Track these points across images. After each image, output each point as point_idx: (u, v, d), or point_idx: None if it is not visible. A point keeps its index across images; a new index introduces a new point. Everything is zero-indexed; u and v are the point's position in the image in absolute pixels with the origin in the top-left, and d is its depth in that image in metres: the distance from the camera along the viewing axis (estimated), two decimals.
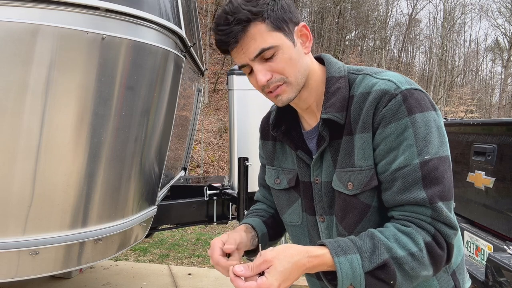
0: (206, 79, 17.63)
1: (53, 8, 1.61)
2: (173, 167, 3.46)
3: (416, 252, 0.81)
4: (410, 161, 0.84)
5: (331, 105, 0.94)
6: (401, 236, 0.83)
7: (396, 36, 32.25)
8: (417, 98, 0.87)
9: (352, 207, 0.92)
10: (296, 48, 0.92)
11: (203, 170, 14.46)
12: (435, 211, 0.83)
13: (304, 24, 0.94)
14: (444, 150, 0.87)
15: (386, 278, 0.81)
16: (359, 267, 0.79)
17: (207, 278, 3.95)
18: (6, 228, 1.73)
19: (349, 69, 0.99)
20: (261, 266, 0.79)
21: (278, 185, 1.10)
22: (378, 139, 0.88)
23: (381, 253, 0.80)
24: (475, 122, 3.07)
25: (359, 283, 0.80)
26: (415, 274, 0.82)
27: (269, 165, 1.14)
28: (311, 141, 1.02)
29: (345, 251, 0.81)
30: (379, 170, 0.89)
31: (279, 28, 0.89)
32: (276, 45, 0.88)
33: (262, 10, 0.87)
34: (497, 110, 28.24)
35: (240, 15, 0.86)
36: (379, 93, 0.88)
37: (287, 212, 1.09)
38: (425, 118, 0.86)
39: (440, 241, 0.84)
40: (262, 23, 0.87)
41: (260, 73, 0.91)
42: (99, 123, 1.80)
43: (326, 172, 0.97)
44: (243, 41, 0.88)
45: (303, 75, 0.94)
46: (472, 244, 2.71)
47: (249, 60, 0.90)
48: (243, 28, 0.87)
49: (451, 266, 0.99)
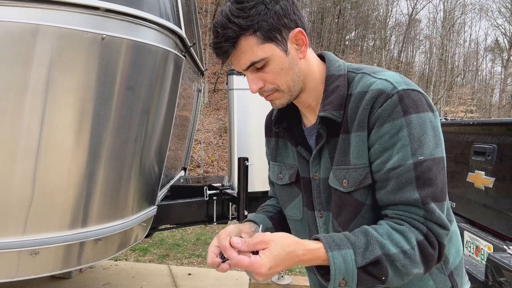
0: (206, 79, 17.63)
1: (53, 8, 1.62)
2: (173, 167, 3.46)
3: (408, 250, 0.83)
4: (404, 161, 0.85)
5: (329, 103, 0.95)
6: (394, 233, 0.84)
7: (396, 36, 32.26)
8: (414, 99, 0.87)
9: (346, 204, 0.93)
10: (289, 56, 0.92)
11: (203, 170, 14.46)
12: (427, 212, 0.84)
13: (300, 29, 0.92)
14: (438, 152, 0.88)
15: (378, 274, 0.82)
16: (352, 262, 0.81)
17: (207, 278, 3.95)
18: (6, 228, 1.73)
19: (349, 68, 0.99)
20: (258, 245, 0.81)
21: (281, 180, 1.11)
22: (373, 138, 0.89)
23: (374, 249, 0.82)
24: (475, 122, 3.07)
25: (351, 278, 0.81)
26: (406, 271, 0.84)
27: (272, 161, 1.16)
28: (311, 138, 1.03)
29: (339, 246, 0.82)
30: (373, 169, 0.90)
31: (270, 38, 0.89)
32: (266, 57, 0.89)
33: (252, 23, 0.87)
34: (497, 110, 28.23)
35: (229, 32, 0.87)
36: (376, 92, 0.89)
37: (289, 207, 1.11)
38: (420, 119, 0.86)
39: (432, 241, 0.85)
40: (252, 36, 0.88)
41: (251, 82, 0.93)
42: (99, 123, 1.80)
43: (324, 169, 0.99)
44: (233, 55, 0.90)
45: (296, 81, 0.95)
46: (472, 244, 2.71)
47: (242, 70, 0.93)
48: (232, 44, 0.88)
49: (449, 267, 0.99)
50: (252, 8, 0.87)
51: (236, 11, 0.87)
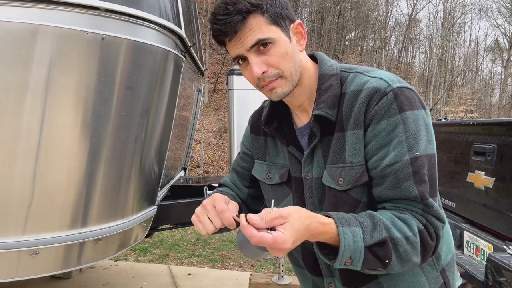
0: (206, 79, 17.63)
1: (53, 8, 1.62)
2: (173, 167, 3.46)
3: (411, 237, 0.84)
4: (400, 157, 0.87)
5: (323, 101, 0.95)
6: (397, 220, 0.85)
7: (396, 36, 32.27)
8: (408, 96, 0.89)
9: (342, 202, 0.93)
10: (292, 44, 0.94)
11: (203, 170, 14.46)
12: (426, 206, 0.86)
13: (299, 22, 0.96)
14: (430, 148, 0.90)
15: (383, 256, 0.82)
16: (360, 240, 0.81)
17: (207, 278, 3.95)
18: (6, 228, 1.73)
19: (341, 68, 1.00)
20: (276, 220, 0.77)
21: (270, 180, 1.10)
22: (370, 136, 0.90)
23: (381, 231, 0.83)
24: (475, 122, 3.07)
25: (358, 256, 0.81)
26: (407, 257, 0.84)
27: (260, 160, 1.14)
28: (303, 138, 1.03)
29: (348, 223, 0.82)
30: (370, 166, 0.91)
31: (276, 22, 0.91)
32: (273, 37, 0.90)
33: (261, 3, 0.89)
34: (497, 110, 28.24)
35: (240, 5, 0.88)
36: (371, 90, 0.90)
37: (279, 207, 1.10)
38: (415, 116, 0.88)
39: (431, 232, 0.86)
40: (261, 15, 0.89)
41: (255, 65, 0.91)
42: (99, 123, 1.80)
43: (316, 168, 0.99)
44: (242, 32, 0.89)
45: (297, 71, 0.95)
46: (472, 244, 2.71)
47: (245, 51, 0.91)
48: (242, 18, 0.88)
49: (441, 263, 1.00)
50: None
51: None
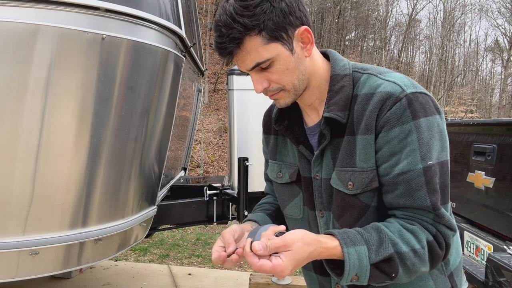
0: (206, 79, 17.63)
1: (53, 8, 1.62)
2: (173, 167, 3.46)
3: (418, 250, 0.84)
4: (413, 166, 0.85)
5: (334, 103, 0.93)
6: (405, 232, 0.85)
7: (396, 36, 32.25)
8: (422, 102, 0.87)
9: (351, 206, 0.93)
10: (294, 55, 0.90)
11: (203, 170, 14.46)
12: (437, 216, 0.86)
13: (305, 27, 0.90)
14: (444, 155, 0.89)
15: (389, 271, 0.83)
16: (366, 258, 0.82)
17: (207, 278, 3.95)
18: (6, 228, 1.73)
19: (354, 67, 0.98)
20: (280, 249, 0.80)
21: (280, 179, 1.10)
22: (381, 142, 0.88)
23: (387, 247, 0.83)
24: (475, 122, 3.07)
25: (364, 274, 0.82)
26: (415, 269, 0.85)
27: (271, 159, 1.14)
28: (313, 137, 1.02)
29: (353, 242, 0.83)
30: (380, 172, 0.89)
31: (275, 38, 0.86)
32: (271, 57, 0.87)
33: (257, 23, 0.84)
34: (497, 110, 28.22)
35: (233, 32, 0.84)
36: (384, 95, 0.87)
37: (289, 206, 1.10)
38: (429, 123, 0.86)
39: (441, 242, 0.86)
40: (257, 36, 0.85)
41: (256, 82, 0.91)
42: (99, 123, 1.80)
43: (326, 169, 0.98)
44: (238, 55, 0.88)
45: (302, 80, 0.93)
46: (472, 244, 2.71)
47: (246, 70, 0.91)
48: (237, 44, 0.86)
49: (449, 268, 0.99)
50: (257, 6, 0.83)
51: (241, 10, 0.83)
